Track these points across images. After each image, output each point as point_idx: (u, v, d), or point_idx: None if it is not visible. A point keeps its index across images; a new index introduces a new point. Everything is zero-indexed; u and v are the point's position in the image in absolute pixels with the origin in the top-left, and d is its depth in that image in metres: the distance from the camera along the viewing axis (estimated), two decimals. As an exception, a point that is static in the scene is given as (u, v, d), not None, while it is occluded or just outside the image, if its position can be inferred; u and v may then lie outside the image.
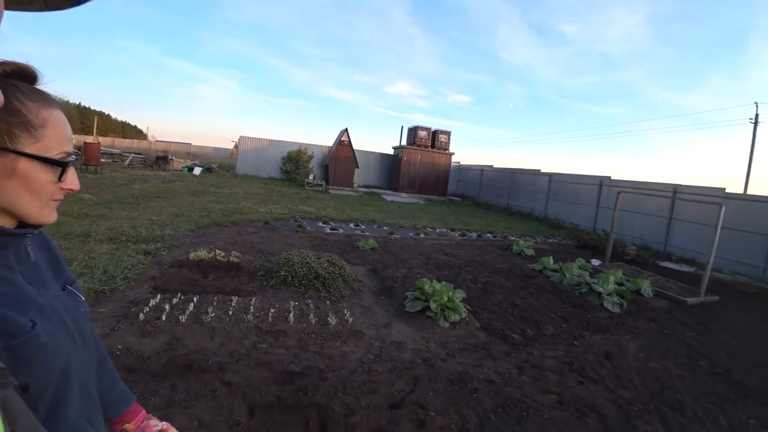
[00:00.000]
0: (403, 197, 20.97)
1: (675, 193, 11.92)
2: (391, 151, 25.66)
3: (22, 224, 0.71)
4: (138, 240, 6.37)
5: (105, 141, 36.52)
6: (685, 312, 6.15)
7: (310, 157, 22.37)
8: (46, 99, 0.68)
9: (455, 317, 4.45)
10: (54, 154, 0.67)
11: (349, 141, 21.63)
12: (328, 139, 25.80)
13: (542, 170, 18.33)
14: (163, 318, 3.59)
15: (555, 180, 17.19)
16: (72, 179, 0.73)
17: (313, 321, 3.98)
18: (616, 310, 5.73)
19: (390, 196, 20.51)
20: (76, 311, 0.80)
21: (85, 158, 15.06)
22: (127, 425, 1.02)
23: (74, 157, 0.74)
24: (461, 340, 4.13)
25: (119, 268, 4.94)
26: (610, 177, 14.71)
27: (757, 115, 21.32)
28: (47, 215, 0.70)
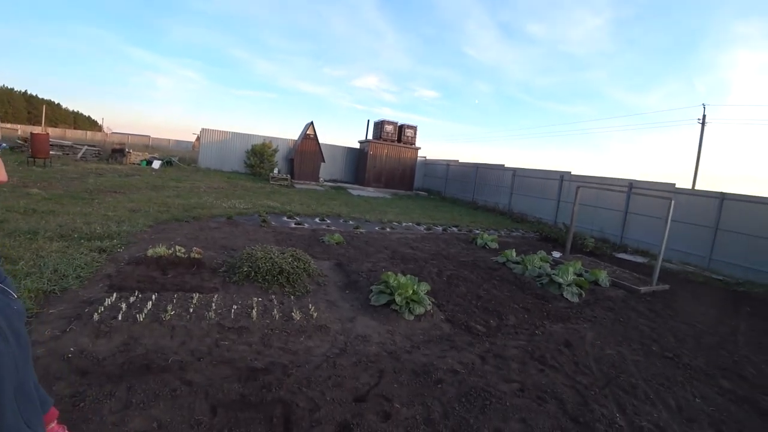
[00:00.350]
0: (369, 191, 20.97)
1: (631, 188, 12.50)
2: (358, 146, 25.57)
3: None
4: (92, 237, 6.06)
5: (55, 132, 34.49)
6: (638, 300, 6.47)
7: (275, 151, 21.96)
8: None
9: (420, 310, 4.50)
10: None
11: (315, 135, 21.38)
12: (293, 133, 25.44)
13: (506, 165, 18.76)
14: (120, 317, 3.42)
15: (519, 175, 17.64)
16: None
17: (277, 317, 3.92)
18: (575, 299, 5.96)
19: (356, 191, 20.45)
20: (8, 309, 0.76)
21: (32, 150, 14.12)
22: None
23: (4, 145, 0.69)
24: (426, 333, 4.18)
25: (71, 266, 4.69)
26: (570, 172, 15.23)
27: (704, 115, 22.64)
28: None
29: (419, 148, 24.70)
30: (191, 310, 3.77)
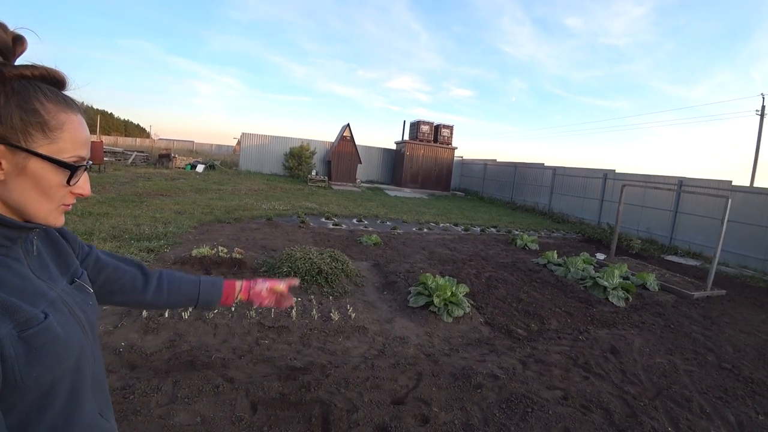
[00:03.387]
0: (406, 192, 20.93)
1: (681, 186, 11.82)
2: (394, 146, 25.58)
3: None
4: (141, 238, 6.37)
5: (108, 140, 36.63)
6: (691, 306, 6.10)
7: (313, 153, 22.33)
8: (68, 103, 0.69)
9: (459, 312, 4.43)
10: (67, 156, 0.68)
11: (352, 136, 21.57)
12: (330, 135, 25.79)
13: (546, 164, 18.22)
14: (166, 315, 3.58)
15: (559, 174, 17.09)
16: (83, 184, 0.73)
17: (316, 317, 3.97)
18: (622, 304, 5.69)
19: (393, 191, 20.46)
20: (85, 304, 0.81)
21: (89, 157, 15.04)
22: (239, 297, 1.18)
23: (90, 163, 0.74)
24: (465, 335, 4.11)
25: (122, 265, 4.94)
26: (614, 170, 14.59)
27: (763, 106, 21.08)
28: (54, 218, 0.71)
29: (456, 147, 24.42)
30: (233, 309, 3.88)
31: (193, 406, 2.43)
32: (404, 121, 25.28)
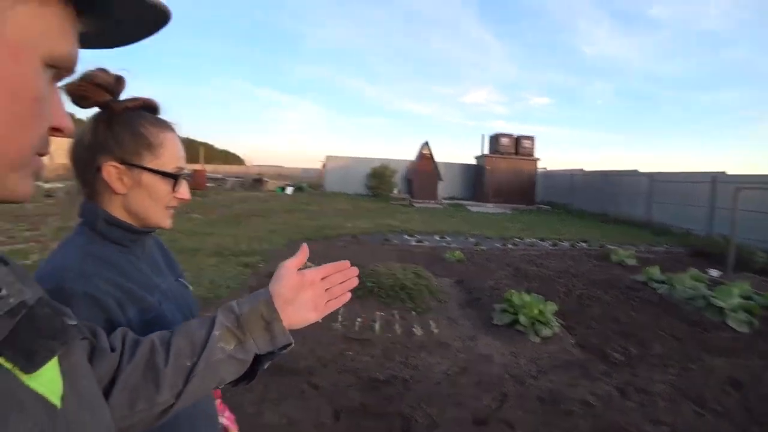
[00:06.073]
0: (488, 208, 20.39)
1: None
2: (474, 161, 25.18)
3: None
4: (239, 254, 6.97)
5: (209, 168, 40.95)
6: (838, 334, 5.12)
7: (394, 172, 22.75)
8: (164, 124, 0.84)
9: (547, 332, 4.19)
10: (170, 168, 0.82)
11: (431, 153, 21.67)
12: (410, 153, 26.11)
13: (641, 170, 16.57)
14: (260, 324, 3.87)
15: (657, 180, 15.41)
16: (184, 190, 0.87)
17: (399, 331, 4.01)
18: (744, 329, 4.95)
19: (475, 207, 20.06)
20: (188, 299, 0.96)
21: (194, 184, 17.04)
22: None
23: (187, 171, 0.88)
24: (554, 357, 3.86)
25: (223, 278, 5.46)
26: (725, 172, 12.78)
27: None
28: (164, 220, 0.85)
29: (538, 159, 23.35)
30: (320, 321, 4.05)
31: (280, 408, 2.60)
32: (482, 135, 24.80)
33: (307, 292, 0.71)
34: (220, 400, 1.18)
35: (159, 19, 0.40)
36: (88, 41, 0.38)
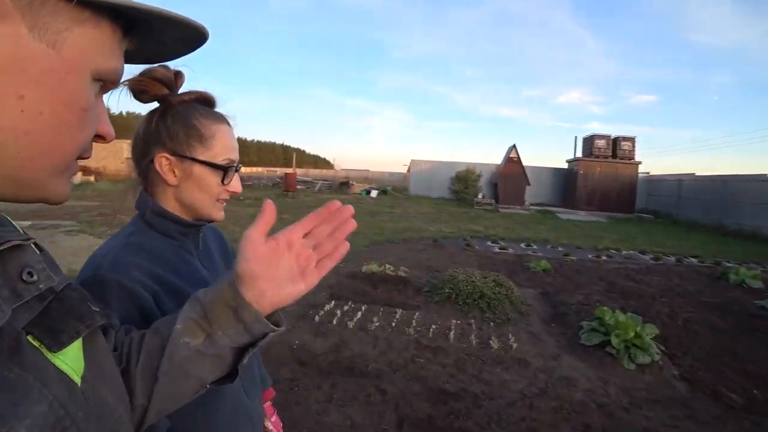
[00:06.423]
0: (580, 215, 18.87)
1: None
2: (565, 165, 23.59)
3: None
4: (321, 253, 7.23)
5: (300, 171, 43.68)
6: None
7: (479, 176, 22.22)
8: (217, 117, 0.83)
9: (644, 358, 3.70)
10: (219, 160, 0.80)
11: (518, 157, 20.74)
12: (496, 157, 25.25)
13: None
14: (334, 322, 3.96)
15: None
16: (235, 183, 0.85)
17: (474, 342, 3.82)
18: None
19: (565, 214, 18.71)
20: None
21: (285, 186, 18.27)
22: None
23: (239, 165, 0.87)
24: (651, 389, 3.38)
25: (304, 276, 5.69)
26: None
27: None
28: (215, 213, 0.84)
29: (639, 162, 21.15)
30: (393, 324, 4.05)
31: (345, 409, 2.59)
32: (575, 137, 23.14)
33: (285, 259, 0.54)
34: (269, 403, 1.16)
35: (197, 39, 0.44)
36: (132, 58, 0.43)
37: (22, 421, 0.30)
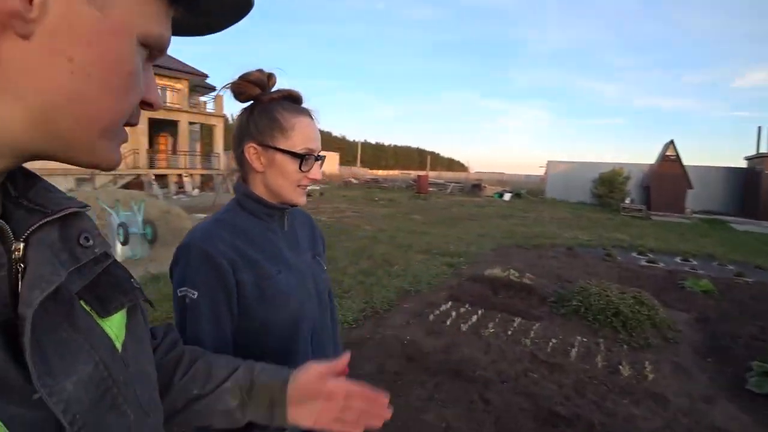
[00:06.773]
0: (764, 226, 15.27)
1: None
2: (744, 164, 19.46)
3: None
4: (446, 254, 7.29)
5: (432, 174, 44.22)
6: None
7: (627, 179, 19.73)
8: (298, 110, 0.94)
9: (841, 417, 2.88)
10: (298, 149, 0.91)
11: (677, 155, 17.75)
12: (648, 157, 22.08)
13: None
14: (448, 323, 3.98)
15: None
16: (315, 170, 0.96)
17: (600, 365, 3.44)
18: None
19: (743, 225, 15.33)
20: (319, 277, 1.04)
21: (418, 188, 18.77)
22: None
23: (320, 154, 0.96)
24: None
25: (426, 275, 5.84)
26: None
27: None
28: (296, 197, 0.95)
29: None
30: (509, 333, 3.89)
31: (444, 411, 2.59)
32: (758, 128, 18.76)
33: (320, 402, 0.65)
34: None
35: (244, 6, 0.43)
36: (178, 29, 0.42)
37: (70, 377, 0.33)
